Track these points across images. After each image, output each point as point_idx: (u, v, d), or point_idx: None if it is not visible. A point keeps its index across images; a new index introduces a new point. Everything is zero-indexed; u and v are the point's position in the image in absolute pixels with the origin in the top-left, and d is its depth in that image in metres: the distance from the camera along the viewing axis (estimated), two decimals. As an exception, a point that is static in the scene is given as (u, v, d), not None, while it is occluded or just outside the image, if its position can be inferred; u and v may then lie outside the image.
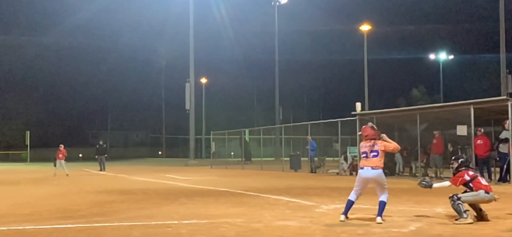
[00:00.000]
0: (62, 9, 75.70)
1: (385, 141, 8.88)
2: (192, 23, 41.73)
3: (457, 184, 9.00)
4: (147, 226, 8.96)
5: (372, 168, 8.72)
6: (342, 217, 8.90)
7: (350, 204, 8.94)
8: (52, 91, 77.22)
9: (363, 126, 9.21)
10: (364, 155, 8.91)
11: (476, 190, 8.77)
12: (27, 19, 77.88)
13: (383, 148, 8.80)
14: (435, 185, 9.31)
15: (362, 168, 8.86)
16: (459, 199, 8.68)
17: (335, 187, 16.31)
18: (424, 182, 9.30)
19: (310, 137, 25.90)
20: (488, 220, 8.79)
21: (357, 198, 8.98)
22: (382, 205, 8.75)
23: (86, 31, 74.70)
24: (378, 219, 8.67)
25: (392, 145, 8.92)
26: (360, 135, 9.19)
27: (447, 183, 9.27)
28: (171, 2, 51.90)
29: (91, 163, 38.80)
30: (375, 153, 8.76)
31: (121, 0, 66.38)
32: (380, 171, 8.75)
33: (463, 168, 9.06)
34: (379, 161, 8.75)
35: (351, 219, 9.22)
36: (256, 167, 31.38)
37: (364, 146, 8.95)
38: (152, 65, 78.14)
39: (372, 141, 8.85)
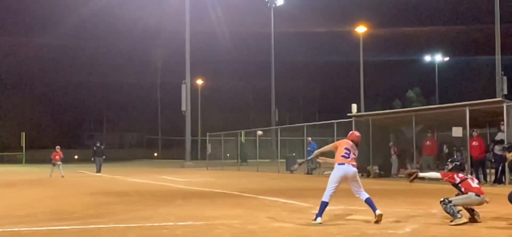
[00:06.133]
0: (58, 10, 75.57)
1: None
2: (188, 24, 41.67)
3: (445, 178, 9.08)
4: (142, 228, 8.95)
5: (353, 165, 8.95)
6: (319, 219, 8.84)
7: (324, 206, 8.92)
8: (47, 93, 77.09)
9: (351, 132, 9.55)
10: (346, 153, 8.97)
11: (466, 193, 8.81)
12: (22, 20, 77.83)
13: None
14: (421, 174, 9.43)
15: (342, 164, 8.90)
16: (450, 202, 8.72)
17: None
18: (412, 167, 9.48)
19: (310, 139, 25.89)
20: (479, 221, 8.80)
21: (330, 200, 8.97)
22: (370, 200, 8.95)
23: (82, 32, 74.67)
24: (378, 211, 8.79)
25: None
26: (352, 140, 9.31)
27: (437, 174, 9.39)
28: (167, 3, 51.87)
29: (86, 164, 38.71)
30: (354, 156, 9.08)
31: (117, 1, 66.29)
32: (356, 170, 9.04)
33: (456, 170, 9.13)
34: (355, 162, 9.07)
35: (347, 220, 9.23)
36: (252, 169, 31.36)
37: (347, 145, 9.08)
38: (147, 66, 78.16)
39: (355, 146, 9.18)
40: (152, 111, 79.35)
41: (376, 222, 8.71)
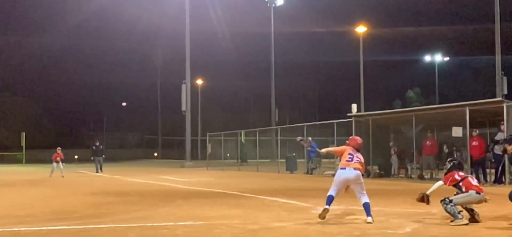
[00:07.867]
0: (58, 10, 75.52)
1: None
2: (188, 25, 41.66)
3: (447, 183, 9.08)
4: (143, 227, 8.95)
5: (354, 168, 9.04)
6: (327, 207, 8.98)
7: (331, 198, 9.07)
8: (47, 92, 77.03)
9: (351, 136, 9.73)
10: (350, 157, 9.15)
11: (467, 191, 8.81)
12: (22, 20, 77.76)
13: (363, 161, 9.26)
14: (429, 191, 9.37)
15: (344, 168, 9.08)
16: (451, 201, 8.72)
17: (331, 189, 16.29)
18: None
19: (310, 138, 25.86)
20: (479, 221, 8.80)
21: (336, 196, 9.14)
22: (368, 205, 8.98)
23: (82, 32, 74.66)
24: (369, 218, 8.82)
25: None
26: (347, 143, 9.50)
27: (440, 183, 9.36)
28: (167, 3, 51.87)
29: (87, 164, 38.70)
30: (359, 159, 9.18)
31: (117, 2, 66.25)
32: (359, 172, 9.09)
33: (455, 169, 9.14)
34: (361, 166, 9.15)
35: (348, 220, 9.23)
36: (252, 169, 31.36)
37: (351, 150, 9.27)
38: (148, 66, 78.11)
39: (357, 152, 9.31)
40: (152, 111, 79.28)
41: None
